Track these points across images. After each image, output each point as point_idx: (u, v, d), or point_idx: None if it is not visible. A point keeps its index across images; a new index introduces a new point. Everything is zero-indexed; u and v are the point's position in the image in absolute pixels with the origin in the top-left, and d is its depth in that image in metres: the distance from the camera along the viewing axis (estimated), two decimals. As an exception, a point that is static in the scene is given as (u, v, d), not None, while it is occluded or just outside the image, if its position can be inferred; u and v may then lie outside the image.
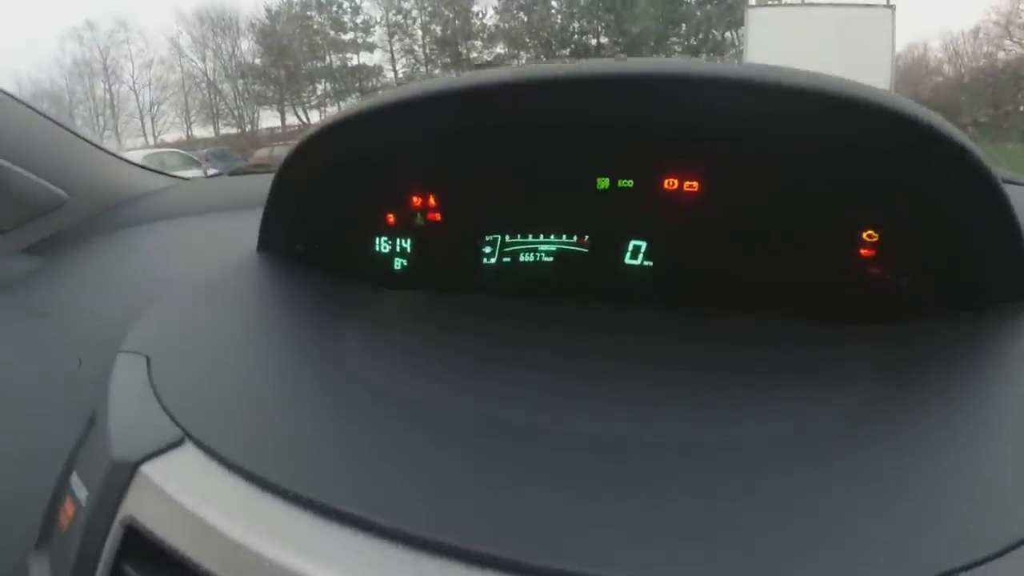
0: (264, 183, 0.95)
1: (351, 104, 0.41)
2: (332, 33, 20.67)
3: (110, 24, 20.75)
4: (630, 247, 0.45)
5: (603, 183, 0.43)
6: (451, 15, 19.92)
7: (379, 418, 0.31)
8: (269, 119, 21.46)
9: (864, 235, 0.39)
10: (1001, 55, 14.54)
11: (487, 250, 0.49)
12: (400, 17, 20.44)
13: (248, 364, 0.36)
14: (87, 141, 0.90)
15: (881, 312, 0.38)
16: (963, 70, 15.60)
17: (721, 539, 0.22)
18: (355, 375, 0.35)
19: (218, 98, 20.88)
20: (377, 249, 0.50)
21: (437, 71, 20.20)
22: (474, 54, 20.00)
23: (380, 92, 0.40)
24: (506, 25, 19.63)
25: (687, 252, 0.44)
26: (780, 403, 0.31)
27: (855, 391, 0.31)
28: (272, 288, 0.45)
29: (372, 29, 20.66)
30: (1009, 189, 0.34)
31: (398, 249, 0.49)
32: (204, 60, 20.41)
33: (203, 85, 20.72)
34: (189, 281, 0.45)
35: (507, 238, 0.48)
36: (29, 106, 0.85)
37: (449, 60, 20.03)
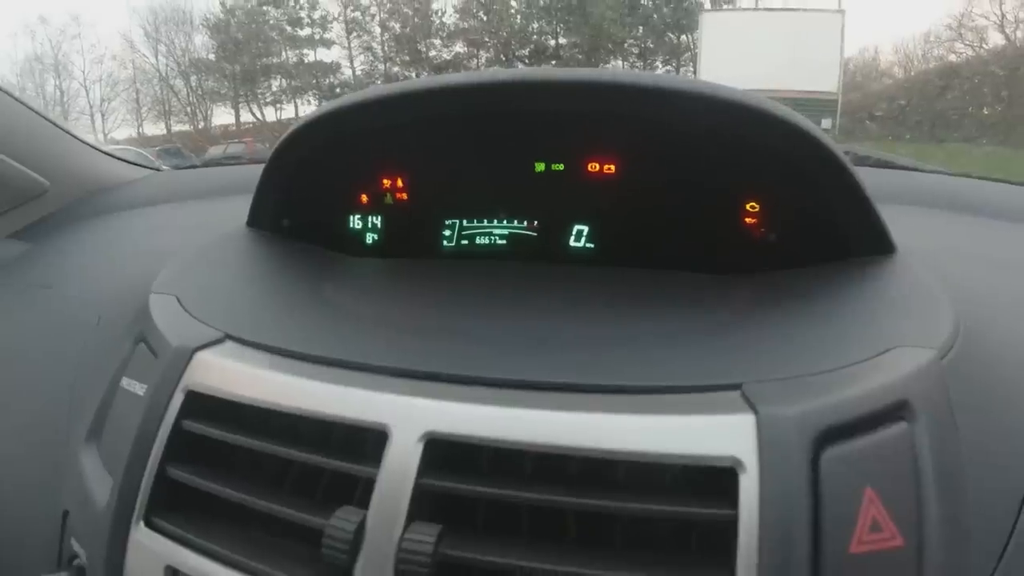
0: (235, 173, 1.02)
1: (335, 100, 0.49)
2: (288, 28, 20.37)
3: (63, 19, 20.06)
4: (573, 231, 0.55)
5: (540, 166, 0.53)
6: (410, 12, 19.86)
7: (354, 324, 0.42)
8: (223, 116, 21.04)
9: (747, 206, 0.49)
10: (952, 58, 15.20)
11: (447, 233, 0.57)
12: (358, 13, 20.30)
13: (255, 297, 0.47)
14: (65, 131, 0.95)
15: (763, 265, 0.48)
16: (912, 72, 16.26)
17: (607, 366, 0.34)
18: (337, 303, 0.46)
19: (170, 94, 20.36)
20: (351, 225, 0.58)
21: (396, 68, 20.12)
22: (433, 52, 20.00)
23: (360, 90, 0.49)
24: (465, 24, 19.69)
25: (610, 222, 0.53)
26: (670, 315, 0.42)
27: (726, 309, 0.42)
28: (265, 252, 0.53)
29: (329, 25, 20.46)
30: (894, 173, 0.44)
31: (369, 225, 0.58)
32: (156, 55, 19.89)
33: (155, 81, 20.19)
34: (189, 248, 0.52)
35: (464, 222, 0.57)
36: (9, 94, 0.89)
37: (408, 58, 19.97)
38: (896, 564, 0.27)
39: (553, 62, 18.99)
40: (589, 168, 0.52)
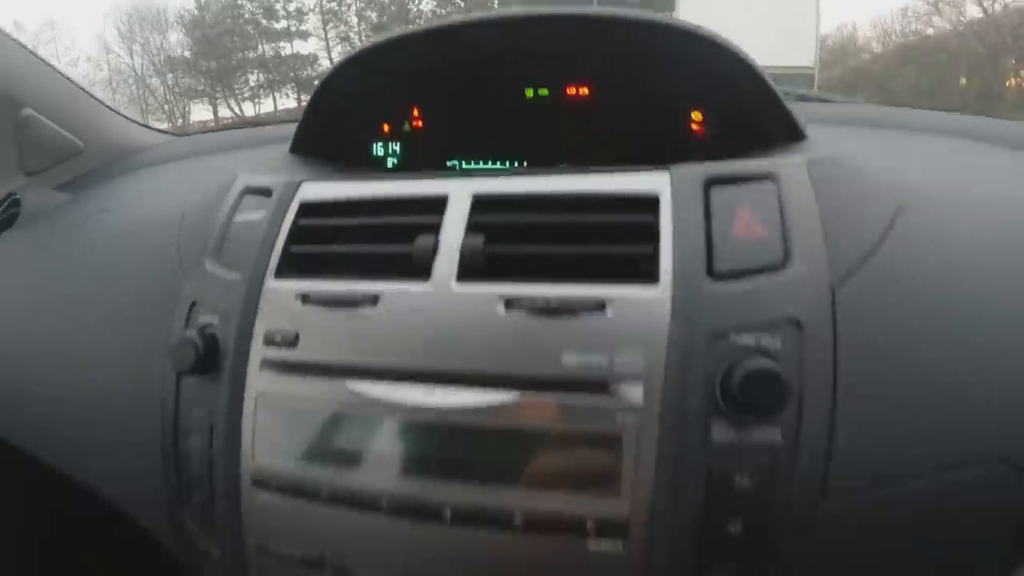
0: (251, 134, 1.11)
1: (372, 38, 0.60)
2: (264, 22, 20.19)
3: (38, 25, 19.70)
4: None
5: (529, 92, 0.64)
6: (387, 1, 19.77)
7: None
8: (201, 113, 20.86)
9: (693, 114, 0.61)
10: (930, 31, 15.26)
11: (451, 163, 0.68)
12: (335, 4, 20.15)
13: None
14: (96, 98, 1.04)
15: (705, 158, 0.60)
16: (890, 48, 16.30)
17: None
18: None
19: (147, 93, 20.15)
20: (375, 152, 0.68)
21: (375, 59, 19.97)
22: (412, 41, 19.82)
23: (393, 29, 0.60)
24: (443, 11, 19.61)
25: (585, 135, 0.64)
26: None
27: None
28: (310, 168, 0.63)
29: (306, 17, 20.31)
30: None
31: (390, 151, 0.68)
32: (132, 55, 19.66)
33: (131, 81, 19.97)
34: (246, 165, 0.62)
35: (463, 164, 0.68)
36: (47, 63, 0.98)
37: (387, 48, 19.80)
38: (768, 247, 0.40)
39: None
40: (568, 92, 0.63)
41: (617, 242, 0.42)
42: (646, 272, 0.40)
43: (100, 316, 0.60)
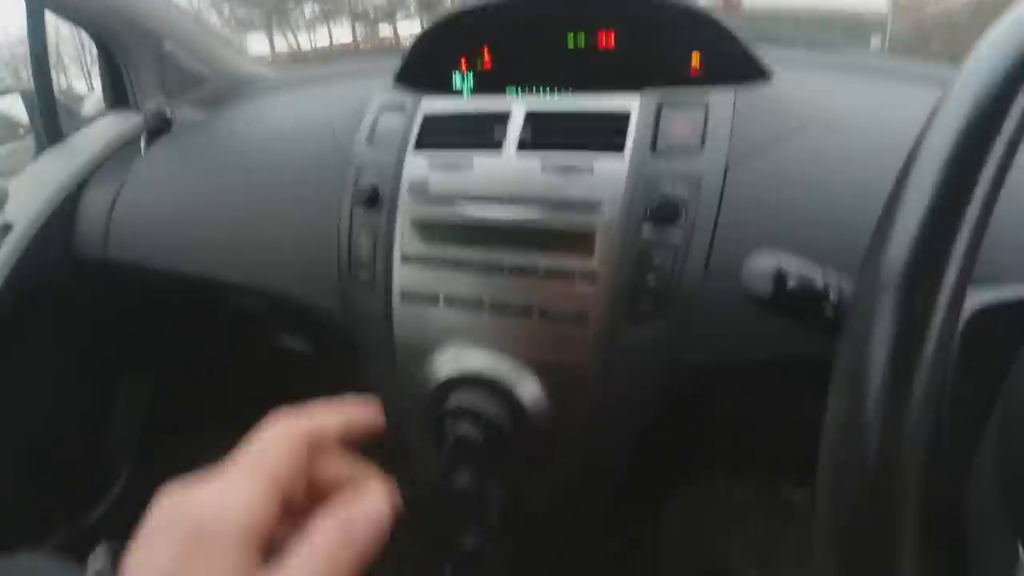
0: (339, 69, 1.30)
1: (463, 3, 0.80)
2: (319, -49, 19.94)
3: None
4: None
5: (570, 41, 0.81)
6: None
7: None
8: (257, 44, 21.03)
9: (692, 55, 0.77)
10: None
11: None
12: (389, -66, 19.69)
13: None
14: (217, 34, 1.26)
15: None
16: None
17: None
18: None
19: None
20: (453, 81, 0.88)
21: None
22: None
23: None
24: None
25: (611, 68, 0.82)
26: None
27: None
28: (410, 93, 0.84)
29: (360, -53, 19.96)
30: None
31: (466, 80, 0.87)
32: (188, -18, 19.73)
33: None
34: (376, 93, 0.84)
35: (518, 92, 0.84)
36: (178, 6, 1.20)
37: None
38: (690, 141, 0.65)
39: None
40: (599, 40, 0.80)
41: (606, 132, 0.68)
42: (619, 148, 0.67)
43: (283, 184, 0.86)
